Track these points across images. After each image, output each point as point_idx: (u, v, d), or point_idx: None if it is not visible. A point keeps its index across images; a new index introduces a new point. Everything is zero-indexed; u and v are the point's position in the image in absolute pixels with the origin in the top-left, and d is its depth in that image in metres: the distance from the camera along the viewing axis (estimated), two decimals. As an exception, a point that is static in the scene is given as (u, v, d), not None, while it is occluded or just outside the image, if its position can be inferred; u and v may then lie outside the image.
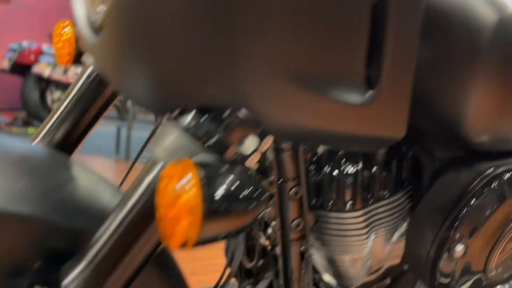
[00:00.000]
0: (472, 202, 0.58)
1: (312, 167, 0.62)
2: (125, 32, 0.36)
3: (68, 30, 0.59)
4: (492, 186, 0.58)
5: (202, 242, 0.31)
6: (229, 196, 0.32)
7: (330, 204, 0.62)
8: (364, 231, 0.64)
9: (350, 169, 0.62)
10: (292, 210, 0.58)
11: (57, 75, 4.47)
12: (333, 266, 0.70)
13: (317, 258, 0.72)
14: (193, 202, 0.30)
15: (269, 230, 0.85)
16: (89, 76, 0.57)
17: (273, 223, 0.79)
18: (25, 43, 4.63)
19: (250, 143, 0.38)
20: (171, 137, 0.37)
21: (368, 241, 0.65)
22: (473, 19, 0.50)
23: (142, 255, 0.37)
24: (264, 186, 0.34)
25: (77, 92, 0.57)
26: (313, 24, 0.34)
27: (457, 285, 0.65)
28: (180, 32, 0.34)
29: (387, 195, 0.64)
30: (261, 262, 0.88)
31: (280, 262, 0.62)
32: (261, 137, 0.39)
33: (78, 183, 0.47)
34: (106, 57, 0.40)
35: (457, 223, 0.58)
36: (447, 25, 0.50)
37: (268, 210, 0.61)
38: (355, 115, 0.38)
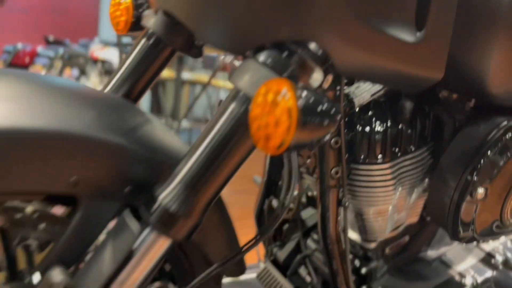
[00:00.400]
0: (490, 151, 0.65)
1: (345, 125, 0.69)
2: None
3: (127, 0, 0.65)
4: (507, 136, 0.65)
5: (293, 147, 0.37)
6: (316, 109, 0.38)
7: (361, 157, 0.69)
8: (391, 182, 0.70)
9: (380, 126, 0.69)
10: (331, 158, 0.64)
11: (53, 76, 4.50)
12: (359, 220, 0.76)
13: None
14: (291, 109, 0.36)
15: (295, 193, 0.91)
16: (148, 38, 0.63)
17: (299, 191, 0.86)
18: (19, 45, 4.65)
19: (316, 77, 0.44)
20: (251, 70, 0.43)
21: (394, 193, 0.72)
22: None
23: (230, 168, 0.43)
24: (337, 108, 0.41)
25: (138, 52, 0.63)
26: None
27: (478, 236, 0.72)
28: None
29: (413, 149, 0.71)
30: (286, 226, 0.95)
31: (318, 209, 0.68)
32: (326, 73, 0.45)
33: (153, 126, 0.53)
34: (187, 6, 0.46)
35: (477, 169, 0.65)
36: None
37: (308, 160, 0.67)
38: (406, 53, 0.44)
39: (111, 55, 5.80)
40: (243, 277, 0.83)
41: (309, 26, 0.42)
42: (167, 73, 3.68)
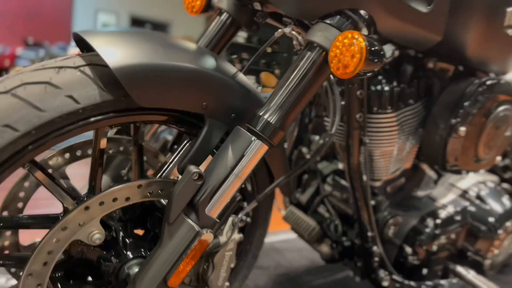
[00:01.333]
0: (467, 101, 0.90)
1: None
2: None
3: (199, -14, 0.86)
4: (480, 90, 0.90)
5: (361, 73, 0.59)
6: (375, 50, 0.60)
7: (375, 109, 0.92)
8: (396, 128, 0.94)
9: (388, 86, 0.92)
10: (356, 106, 0.87)
11: (34, 78, 4.55)
12: (369, 161, 0.99)
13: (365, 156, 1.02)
14: (363, 48, 0.58)
15: (313, 146, 1.13)
16: (221, 16, 0.84)
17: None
18: (-1, 47, 4.68)
19: (366, 34, 0.67)
20: (323, 29, 0.65)
21: (397, 138, 0.96)
22: None
23: (309, 93, 0.65)
24: (384, 51, 0.63)
25: (214, 26, 0.84)
26: None
27: (461, 167, 0.96)
28: None
29: (412, 103, 0.95)
30: (306, 176, 1.17)
31: (345, 148, 0.91)
32: (370, 32, 0.68)
33: (240, 74, 0.73)
34: None
35: (459, 114, 0.89)
36: None
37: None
38: (421, 19, 0.68)
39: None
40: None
41: (360, 0, 0.65)
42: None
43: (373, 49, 0.60)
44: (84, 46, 0.65)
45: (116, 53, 0.58)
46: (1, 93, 0.53)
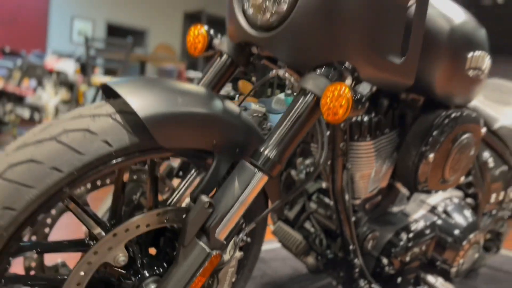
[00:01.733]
0: (435, 131, 1.03)
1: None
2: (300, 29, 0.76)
3: (202, 30, 0.96)
4: (446, 121, 1.04)
5: (347, 119, 0.71)
6: (358, 99, 0.72)
7: (356, 137, 1.04)
8: (373, 154, 1.06)
9: (367, 117, 1.05)
10: (340, 137, 0.99)
11: (11, 87, 4.52)
12: (350, 183, 1.11)
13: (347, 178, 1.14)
14: (349, 99, 0.70)
15: (301, 167, 1.25)
16: (221, 57, 0.95)
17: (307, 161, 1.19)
18: (-25, 56, 4.64)
19: (348, 82, 0.79)
20: (315, 79, 0.77)
21: (375, 162, 1.08)
22: (434, 27, 0.95)
23: (302, 133, 0.76)
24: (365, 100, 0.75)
25: (215, 66, 0.95)
26: (384, 28, 0.76)
27: (430, 188, 1.09)
28: (326, 26, 0.74)
29: (387, 132, 1.07)
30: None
31: (330, 173, 1.02)
32: (353, 80, 0.80)
33: (243, 114, 0.84)
34: (282, 41, 0.79)
35: (429, 143, 1.03)
36: (427, 32, 0.94)
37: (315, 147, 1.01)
38: (395, 69, 0.80)
39: (67, 66, 5.86)
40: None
41: (346, 55, 0.77)
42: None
43: (357, 99, 0.72)
44: (109, 93, 0.74)
45: (141, 101, 0.68)
46: (47, 139, 0.62)
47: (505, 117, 1.50)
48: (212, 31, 0.98)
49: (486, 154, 1.42)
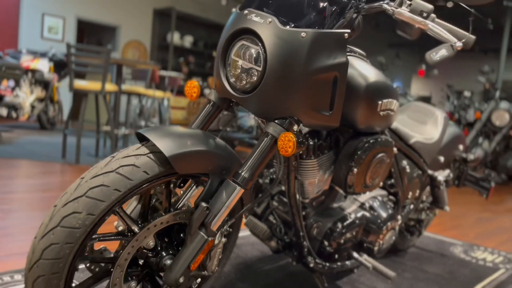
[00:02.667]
0: (359, 151, 1.48)
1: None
2: (266, 93, 1.19)
3: (196, 83, 1.37)
4: (366, 145, 1.49)
5: (294, 153, 1.14)
6: (301, 141, 1.14)
7: (304, 157, 1.48)
8: (317, 168, 1.51)
9: (312, 142, 1.48)
10: (293, 157, 1.42)
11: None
12: (301, 188, 1.56)
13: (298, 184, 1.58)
14: (294, 142, 1.12)
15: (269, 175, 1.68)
16: (209, 103, 1.36)
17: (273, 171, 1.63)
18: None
19: (296, 128, 1.22)
20: (274, 126, 1.19)
21: (318, 173, 1.52)
22: (355, 83, 1.40)
23: (266, 160, 1.19)
24: (306, 141, 1.18)
25: (205, 111, 1.35)
26: (317, 95, 1.19)
27: (356, 192, 1.54)
28: (281, 94, 1.17)
29: (326, 152, 1.52)
30: (260, 195, 1.72)
31: (287, 183, 1.46)
32: (298, 126, 1.23)
33: (222, 143, 1.25)
34: (253, 101, 1.21)
35: (354, 160, 1.48)
36: (351, 87, 1.39)
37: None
38: (326, 119, 1.24)
39: (42, 65, 6.05)
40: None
41: (294, 112, 1.19)
42: (111, 87, 4.21)
43: (300, 141, 1.15)
44: (142, 138, 1.15)
45: (165, 144, 1.08)
46: (110, 171, 1.02)
47: (419, 134, 1.99)
48: (201, 82, 1.39)
49: (404, 162, 1.90)
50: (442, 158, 2.14)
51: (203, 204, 1.14)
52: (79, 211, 0.99)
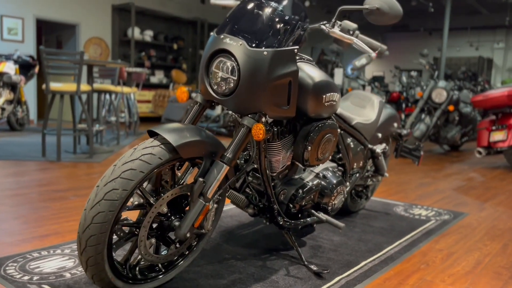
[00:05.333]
0: (311, 133, 1.96)
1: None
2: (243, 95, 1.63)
3: (185, 89, 1.79)
4: (316, 128, 1.96)
5: (265, 137, 1.59)
6: (268, 129, 1.59)
7: (270, 140, 1.93)
8: (281, 148, 1.97)
9: (276, 129, 1.94)
10: (262, 141, 1.87)
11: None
12: (270, 164, 2.01)
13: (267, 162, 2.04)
14: (263, 130, 1.57)
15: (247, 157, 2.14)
16: (196, 104, 1.78)
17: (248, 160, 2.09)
18: None
19: (264, 120, 1.67)
20: (248, 120, 1.64)
21: (282, 152, 1.99)
22: (304, 82, 1.85)
23: (244, 144, 1.63)
24: (271, 129, 1.63)
25: (192, 110, 1.78)
26: (278, 96, 1.64)
27: (311, 164, 2.02)
28: (252, 97, 1.62)
29: (287, 135, 1.98)
30: (238, 172, 2.18)
31: (258, 161, 1.91)
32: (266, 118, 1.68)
33: (210, 134, 1.69)
34: (231, 102, 1.65)
35: (308, 140, 1.95)
36: (302, 86, 1.84)
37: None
38: (285, 112, 1.70)
39: (8, 68, 6.22)
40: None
41: (262, 108, 1.64)
42: (84, 87, 4.51)
43: (267, 129, 1.60)
44: (152, 133, 1.57)
45: (172, 136, 1.51)
46: (135, 159, 1.44)
47: (359, 116, 2.49)
48: (190, 89, 1.81)
49: (349, 140, 2.40)
50: (379, 135, 2.66)
51: (201, 179, 1.58)
52: (116, 188, 1.41)
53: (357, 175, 2.55)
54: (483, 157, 6.43)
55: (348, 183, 2.47)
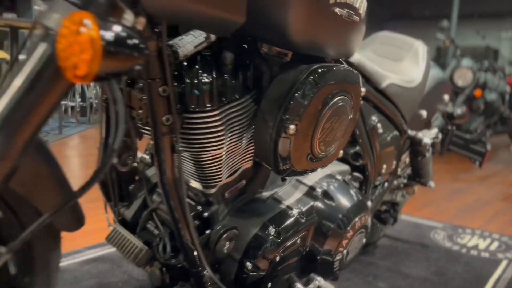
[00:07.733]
0: (297, 92, 0.76)
1: (174, 77, 0.73)
2: None
3: None
4: (311, 78, 0.77)
5: (100, 77, 0.40)
6: (120, 41, 0.41)
7: (192, 107, 0.74)
8: (221, 128, 0.78)
9: (206, 78, 0.75)
10: (161, 107, 0.68)
11: None
12: (198, 167, 0.83)
13: (186, 163, 0.85)
14: (94, 39, 0.39)
15: (139, 155, 0.94)
16: None
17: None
18: None
19: (127, 18, 0.48)
20: (58, 8, 0.45)
21: (225, 139, 0.80)
22: None
23: (46, 106, 0.44)
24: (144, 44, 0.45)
25: None
26: None
27: (297, 169, 0.84)
28: None
29: (237, 97, 0.79)
30: (132, 186, 0.97)
31: (155, 157, 0.72)
32: (136, 15, 0.49)
33: None
34: None
35: (288, 109, 0.76)
36: None
37: (140, 111, 0.70)
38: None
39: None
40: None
41: None
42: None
43: (118, 40, 0.41)
44: None
45: None
46: None
47: (395, 74, 1.29)
48: None
49: (374, 118, 1.21)
50: (424, 113, 1.47)
51: None
52: None
53: (386, 185, 1.36)
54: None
55: (370, 203, 1.28)
